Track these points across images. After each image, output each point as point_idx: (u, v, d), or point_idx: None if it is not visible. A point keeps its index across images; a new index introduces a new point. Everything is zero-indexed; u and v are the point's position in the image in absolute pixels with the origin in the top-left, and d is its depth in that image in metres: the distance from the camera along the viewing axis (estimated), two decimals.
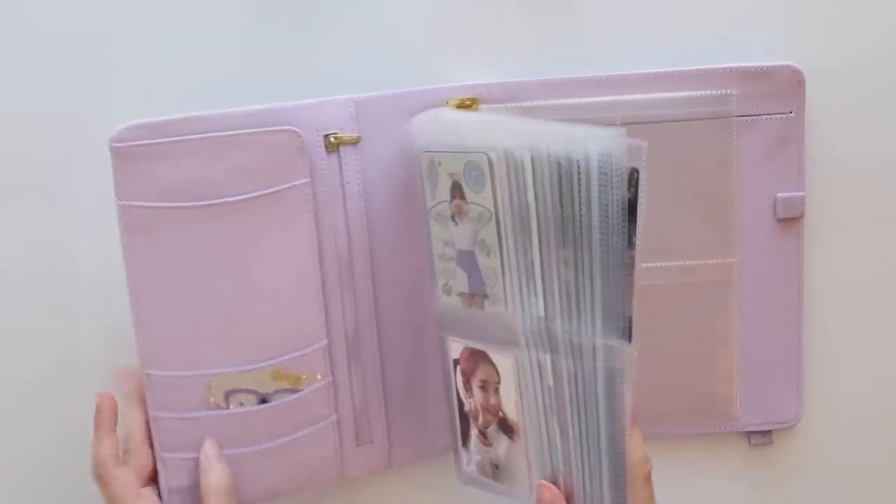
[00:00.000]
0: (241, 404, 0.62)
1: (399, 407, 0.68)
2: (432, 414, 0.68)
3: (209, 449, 0.61)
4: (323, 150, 0.63)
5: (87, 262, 0.70)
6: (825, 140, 0.69)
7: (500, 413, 0.60)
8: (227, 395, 0.62)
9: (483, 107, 0.66)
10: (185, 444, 0.62)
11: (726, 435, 0.72)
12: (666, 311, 0.67)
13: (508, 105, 0.66)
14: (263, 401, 0.63)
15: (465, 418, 0.62)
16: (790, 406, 0.71)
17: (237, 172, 0.60)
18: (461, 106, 0.65)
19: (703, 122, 0.66)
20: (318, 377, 0.64)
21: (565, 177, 0.52)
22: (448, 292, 0.61)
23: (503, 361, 0.59)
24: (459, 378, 0.62)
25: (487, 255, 0.57)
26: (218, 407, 0.62)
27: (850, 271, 0.71)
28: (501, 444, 0.60)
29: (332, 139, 0.63)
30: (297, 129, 0.61)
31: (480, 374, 0.60)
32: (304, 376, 0.63)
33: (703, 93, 0.66)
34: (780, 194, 0.68)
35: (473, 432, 0.62)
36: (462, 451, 0.63)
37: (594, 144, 0.51)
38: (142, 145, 0.58)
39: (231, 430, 0.62)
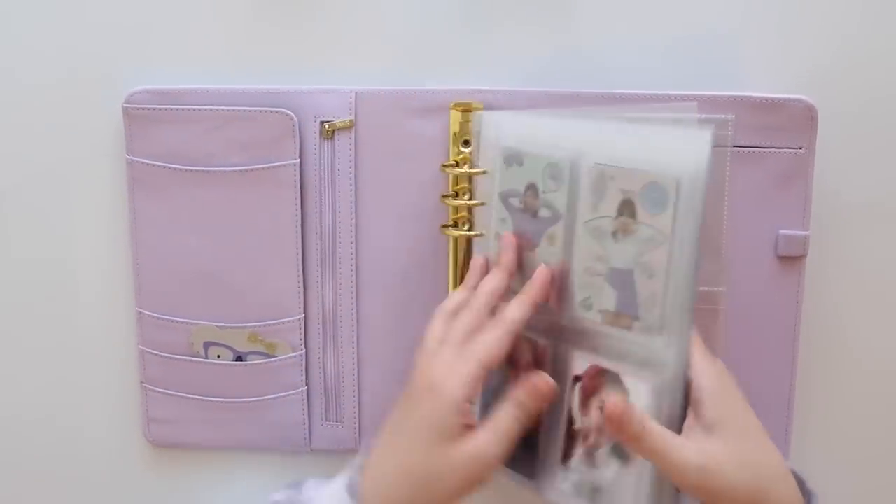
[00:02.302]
0: (219, 357, 0.70)
1: (373, 390, 0.71)
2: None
3: None
4: (318, 135, 0.68)
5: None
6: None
7: None
8: (206, 345, 0.70)
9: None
10: (167, 380, 0.71)
11: None
12: None
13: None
14: (239, 358, 0.70)
15: (572, 435, 0.61)
16: None
17: (231, 145, 0.67)
18: (465, 110, 0.67)
19: None
20: (291, 350, 0.70)
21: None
22: (588, 307, 0.60)
23: (638, 386, 0.58)
24: (577, 395, 0.60)
25: (649, 278, 0.56)
26: (197, 355, 0.70)
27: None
28: (610, 468, 0.59)
29: (327, 126, 0.67)
30: (290, 112, 0.67)
31: (605, 395, 0.59)
32: (278, 345, 0.70)
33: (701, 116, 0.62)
34: (782, 231, 0.66)
35: (578, 451, 0.61)
36: (559, 468, 0.62)
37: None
38: (150, 109, 0.68)
39: (207, 378, 0.70)
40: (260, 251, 0.69)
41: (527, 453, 0.63)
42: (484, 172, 0.66)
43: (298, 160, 0.68)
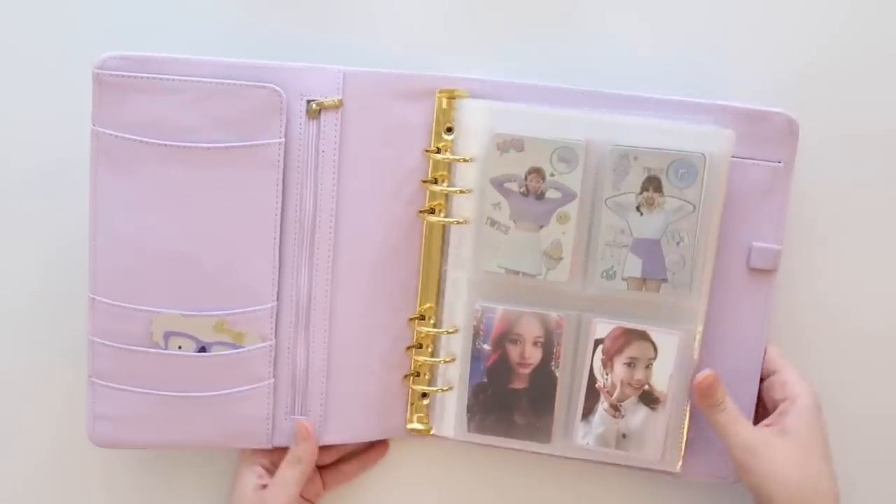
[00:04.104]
0: (180, 348, 0.65)
1: (341, 384, 0.69)
2: (375, 398, 0.70)
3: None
4: (304, 114, 0.64)
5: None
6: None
7: (646, 386, 0.66)
8: (167, 335, 0.65)
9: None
10: (118, 374, 0.65)
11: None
12: None
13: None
14: (202, 349, 0.65)
15: (593, 393, 0.66)
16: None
17: (212, 120, 0.62)
18: (451, 97, 0.66)
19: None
20: (261, 340, 0.65)
21: None
22: (611, 277, 0.65)
23: (666, 339, 0.65)
24: (598, 356, 0.66)
25: (678, 244, 0.64)
26: (156, 346, 0.64)
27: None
28: (638, 414, 0.66)
29: (314, 105, 0.64)
30: (278, 88, 0.62)
31: (631, 351, 0.65)
32: (246, 334, 0.65)
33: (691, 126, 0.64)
34: (756, 243, 0.65)
35: (602, 406, 0.66)
36: (580, 424, 0.67)
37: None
38: (123, 76, 0.61)
39: (166, 370, 0.65)
40: (235, 234, 0.64)
41: (540, 421, 0.67)
42: (470, 160, 0.66)
43: (283, 139, 0.63)
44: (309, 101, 0.64)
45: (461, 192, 0.66)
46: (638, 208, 0.64)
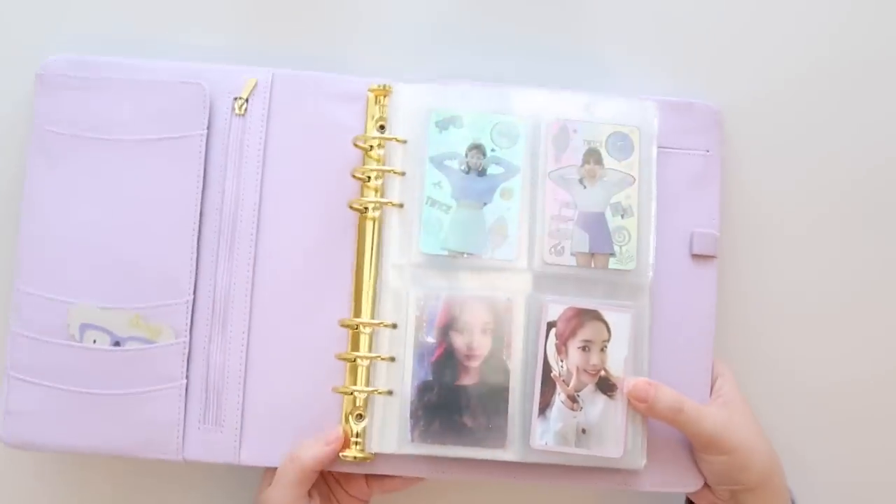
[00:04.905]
0: (94, 342, 0.63)
1: (262, 395, 0.64)
2: (304, 416, 0.64)
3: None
4: (230, 111, 0.66)
5: None
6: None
7: (602, 372, 0.62)
8: (83, 328, 0.64)
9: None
10: (34, 367, 0.63)
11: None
12: None
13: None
14: (117, 343, 0.63)
15: (549, 385, 0.62)
16: (695, 473, 0.65)
17: (140, 115, 0.64)
18: (382, 94, 0.66)
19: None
20: (174, 336, 0.64)
21: None
22: (559, 253, 0.63)
23: (619, 318, 0.63)
24: (552, 341, 0.62)
25: (622, 216, 0.63)
26: (72, 338, 0.63)
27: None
28: (597, 405, 0.62)
29: (239, 102, 0.66)
30: (201, 83, 0.65)
31: (585, 333, 0.62)
32: (161, 329, 0.64)
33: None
34: (696, 230, 0.66)
35: (559, 398, 0.62)
36: (537, 422, 0.61)
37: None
38: (63, 77, 0.65)
39: (78, 364, 0.63)
40: (156, 225, 0.64)
41: (493, 421, 0.61)
42: (403, 141, 0.64)
43: (206, 132, 0.65)
44: (235, 98, 0.65)
45: (395, 172, 0.64)
46: (581, 181, 0.63)
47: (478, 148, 0.63)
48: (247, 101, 0.65)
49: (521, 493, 0.71)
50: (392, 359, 0.62)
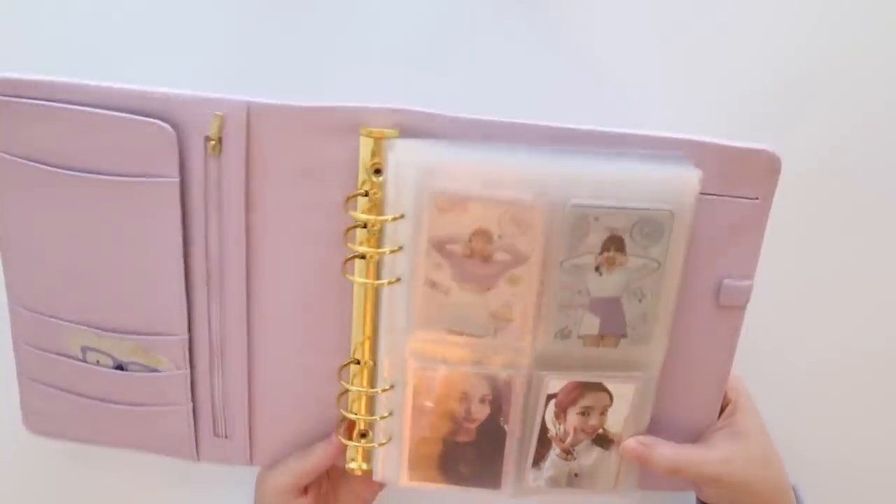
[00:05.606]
0: (98, 363, 0.62)
1: (264, 410, 0.65)
2: (301, 421, 0.65)
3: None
4: (203, 151, 0.57)
5: None
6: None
7: (601, 430, 0.62)
8: (84, 350, 0.62)
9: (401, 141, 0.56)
10: (43, 374, 0.63)
11: None
12: None
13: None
14: (120, 367, 0.63)
15: (545, 443, 0.62)
16: None
17: (105, 150, 0.57)
18: (377, 137, 0.56)
19: None
20: (175, 368, 0.63)
21: None
22: (565, 336, 0.59)
23: (623, 388, 0.61)
24: (551, 409, 0.61)
25: (640, 301, 0.58)
26: (75, 357, 0.62)
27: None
28: (591, 456, 0.63)
29: (212, 143, 0.57)
30: (165, 125, 0.55)
31: (586, 401, 0.61)
32: (161, 361, 0.62)
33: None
34: (727, 281, 0.60)
35: (554, 452, 0.63)
36: (531, 471, 0.63)
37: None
38: (17, 102, 0.56)
39: (86, 379, 0.63)
40: (141, 265, 0.60)
41: (487, 471, 0.63)
42: (400, 217, 0.56)
43: (179, 178, 0.57)
44: (207, 139, 0.56)
45: (391, 251, 0.57)
46: (597, 268, 0.57)
47: (483, 234, 0.56)
48: (220, 140, 0.56)
49: None
50: (389, 414, 0.62)
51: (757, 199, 0.58)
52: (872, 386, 0.74)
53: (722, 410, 0.65)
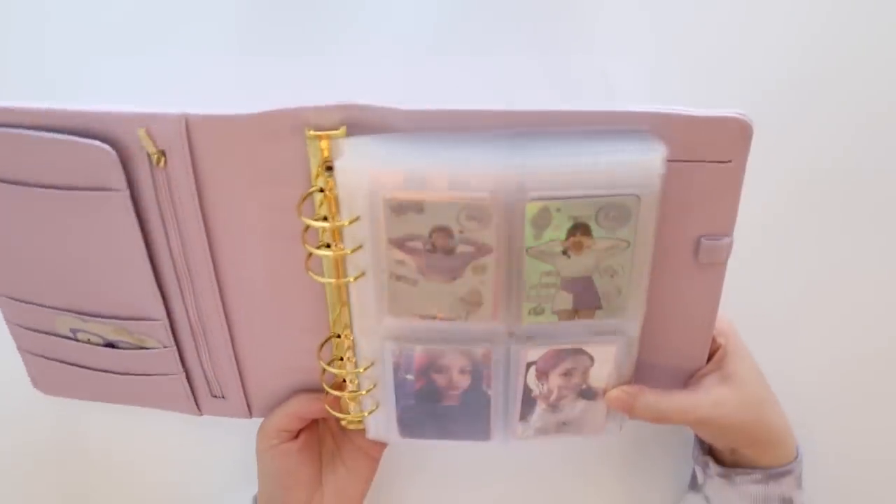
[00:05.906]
0: (89, 341, 0.65)
1: (254, 377, 0.67)
2: (294, 383, 0.67)
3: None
4: (148, 164, 0.56)
5: None
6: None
7: (585, 385, 0.62)
8: (74, 331, 0.65)
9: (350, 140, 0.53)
10: (41, 349, 0.67)
11: None
12: None
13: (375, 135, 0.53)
14: (110, 344, 0.65)
15: (530, 402, 0.63)
16: None
17: (54, 168, 0.56)
18: (325, 137, 0.53)
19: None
20: (162, 346, 0.64)
21: None
22: (539, 313, 0.58)
23: (604, 350, 0.60)
24: (532, 373, 0.61)
25: (611, 277, 0.56)
26: (66, 337, 0.65)
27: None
28: (577, 407, 0.64)
29: (155, 158, 0.56)
30: (104, 146, 0.54)
31: (567, 364, 0.61)
32: (147, 340, 0.64)
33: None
34: (704, 240, 0.58)
35: (540, 408, 0.63)
36: (518, 424, 0.64)
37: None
38: None
39: (81, 353, 0.66)
40: (110, 264, 0.60)
41: (477, 423, 0.64)
42: (355, 220, 0.54)
43: (128, 190, 0.57)
44: (149, 154, 0.55)
45: (352, 251, 0.56)
46: (565, 252, 0.55)
47: (443, 230, 0.54)
48: (163, 153, 0.54)
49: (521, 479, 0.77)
50: (373, 387, 0.63)
51: (730, 161, 0.55)
52: (872, 386, 0.74)
53: (713, 356, 0.65)
